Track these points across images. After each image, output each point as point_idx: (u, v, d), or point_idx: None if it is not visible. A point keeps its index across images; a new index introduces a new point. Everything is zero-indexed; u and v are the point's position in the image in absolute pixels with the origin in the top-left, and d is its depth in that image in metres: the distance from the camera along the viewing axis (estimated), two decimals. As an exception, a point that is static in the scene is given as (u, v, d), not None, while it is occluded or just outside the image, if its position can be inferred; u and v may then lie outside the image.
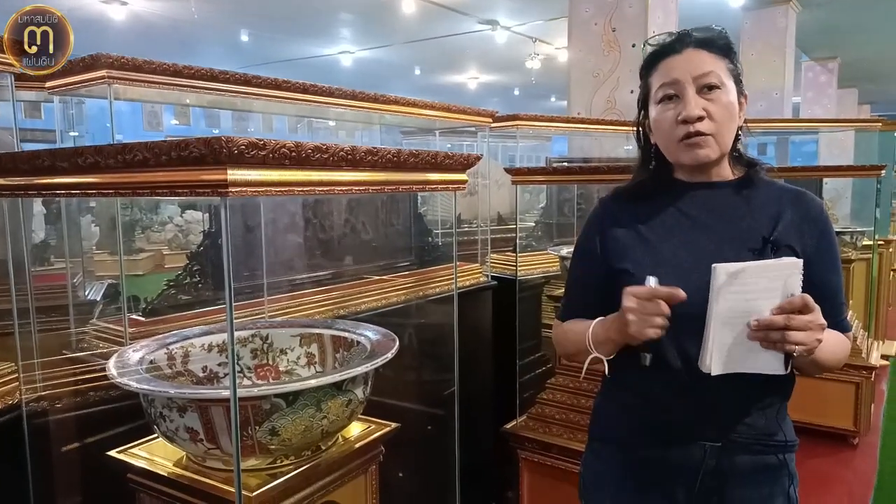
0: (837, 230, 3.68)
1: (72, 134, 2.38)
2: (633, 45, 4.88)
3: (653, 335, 1.08)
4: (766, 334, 1.05)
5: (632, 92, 4.93)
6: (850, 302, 3.71)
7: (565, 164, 4.44)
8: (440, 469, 1.51)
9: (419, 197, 2.60)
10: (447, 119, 2.65)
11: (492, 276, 2.86)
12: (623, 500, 1.28)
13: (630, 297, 1.09)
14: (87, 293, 2.41)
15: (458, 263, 2.82)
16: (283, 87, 1.91)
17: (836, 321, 1.22)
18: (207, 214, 2.07)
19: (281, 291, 2.01)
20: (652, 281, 1.09)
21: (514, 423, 2.50)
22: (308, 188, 0.88)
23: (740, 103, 1.23)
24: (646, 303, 1.07)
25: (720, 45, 1.20)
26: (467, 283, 2.69)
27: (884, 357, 4.34)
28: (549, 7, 8.95)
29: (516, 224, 2.63)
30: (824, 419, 3.68)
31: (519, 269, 2.72)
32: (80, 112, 2.42)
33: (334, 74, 14.09)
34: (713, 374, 1.08)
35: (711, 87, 1.17)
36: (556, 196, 3.52)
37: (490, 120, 2.79)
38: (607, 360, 1.23)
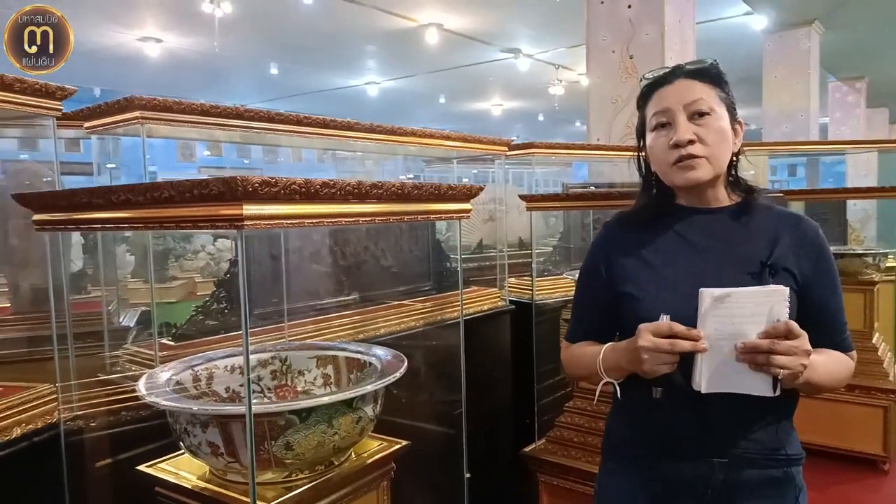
0: (860, 252, 3.66)
1: (109, 166, 2.54)
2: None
3: (666, 371, 1.14)
4: (752, 357, 1.10)
5: (651, 117, 4.99)
6: (876, 324, 3.67)
7: (592, 188, 4.49)
8: (452, 488, 1.57)
9: (437, 224, 2.67)
10: (464, 149, 2.74)
11: (510, 301, 2.92)
12: None
13: (646, 336, 1.13)
14: (121, 319, 2.53)
15: (477, 288, 2.88)
16: (305, 122, 2.02)
17: (838, 341, 1.28)
18: (229, 242, 2.17)
19: (304, 316, 2.10)
20: (665, 318, 1.14)
21: (533, 446, 2.54)
22: (318, 220, 0.97)
23: (735, 130, 1.29)
24: (660, 342, 1.12)
25: (711, 75, 1.27)
26: (485, 307, 2.75)
27: (914, 380, 4.25)
28: (570, 35, 9.08)
29: (532, 249, 2.69)
30: (851, 444, 3.63)
31: (537, 293, 2.78)
32: (116, 145, 2.57)
33: (361, 104, 14.39)
34: (703, 392, 1.13)
35: (702, 114, 1.23)
36: (574, 221, 3.57)
37: (506, 148, 2.88)
38: (618, 384, 1.28)
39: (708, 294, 1.11)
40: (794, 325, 1.10)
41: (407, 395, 1.74)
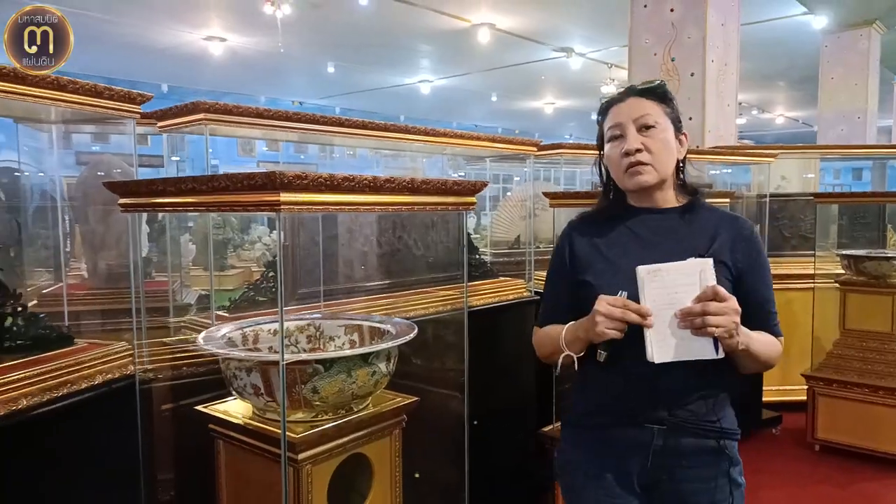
0: (889, 255, 3.71)
1: (174, 159, 2.85)
2: (692, 74, 5.05)
3: (613, 335, 1.32)
4: (690, 321, 1.27)
5: (690, 119, 5.08)
6: (903, 327, 3.71)
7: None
8: (456, 443, 1.80)
9: (466, 220, 2.88)
10: (496, 148, 2.95)
11: (535, 292, 3.11)
12: (589, 476, 1.48)
13: (602, 302, 1.33)
14: (183, 298, 2.86)
15: (504, 279, 3.09)
16: (346, 123, 2.28)
17: (769, 326, 1.44)
18: (283, 233, 2.44)
19: (341, 297, 2.36)
20: (624, 294, 1.34)
21: (550, 426, 2.75)
22: (340, 207, 1.21)
23: (680, 140, 1.49)
24: (613, 309, 1.31)
25: (658, 94, 1.47)
26: (510, 297, 2.96)
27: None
28: (622, 34, 9.12)
29: (554, 244, 2.86)
30: (878, 444, 3.70)
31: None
32: (182, 141, 2.89)
33: (414, 102, 14.73)
34: (656, 362, 1.30)
35: (648, 127, 1.43)
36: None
37: (535, 149, 3.07)
38: (577, 357, 1.44)
39: (642, 269, 1.30)
40: (721, 288, 1.28)
41: (429, 366, 1.98)
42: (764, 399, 4.39)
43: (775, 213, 4.92)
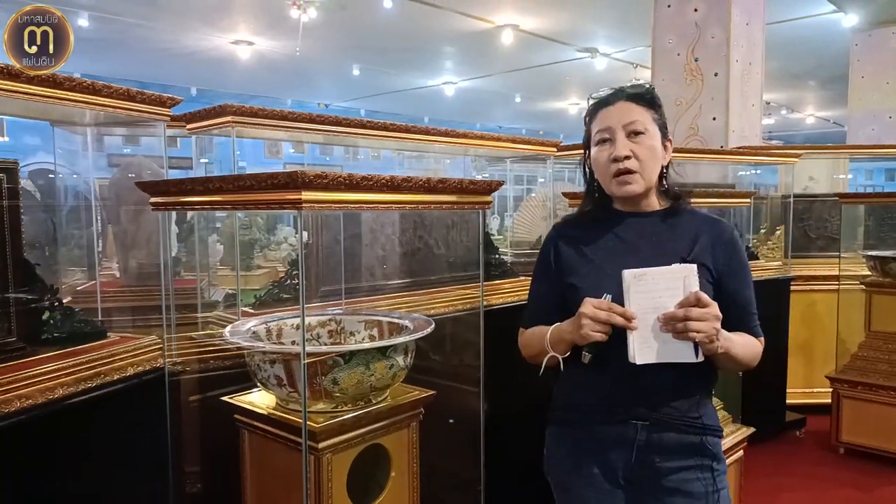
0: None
1: (203, 160, 2.94)
2: (716, 74, 5.02)
3: (598, 337, 1.33)
4: (673, 325, 1.29)
5: (714, 119, 5.06)
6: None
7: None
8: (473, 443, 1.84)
9: (484, 219, 2.91)
10: (515, 149, 2.98)
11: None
12: (576, 472, 1.50)
13: (588, 305, 1.34)
14: (211, 296, 2.94)
15: (524, 278, 3.12)
16: (368, 125, 2.33)
17: (749, 328, 1.46)
18: (306, 233, 2.51)
19: (362, 295, 2.41)
20: (608, 297, 1.35)
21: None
22: (359, 205, 1.26)
23: (665, 146, 1.49)
24: (599, 312, 1.33)
25: (647, 99, 1.47)
26: (530, 295, 2.99)
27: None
28: (647, 34, 9.06)
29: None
30: (899, 446, 3.65)
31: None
32: (210, 143, 2.97)
33: (438, 103, 14.77)
34: (638, 363, 1.32)
35: (637, 133, 1.43)
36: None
37: (554, 149, 3.10)
38: (561, 358, 1.45)
39: (628, 273, 1.32)
40: (703, 294, 1.29)
41: (447, 362, 2.02)
42: (788, 401, 4.36)
43: (801, 213, 4.87)
